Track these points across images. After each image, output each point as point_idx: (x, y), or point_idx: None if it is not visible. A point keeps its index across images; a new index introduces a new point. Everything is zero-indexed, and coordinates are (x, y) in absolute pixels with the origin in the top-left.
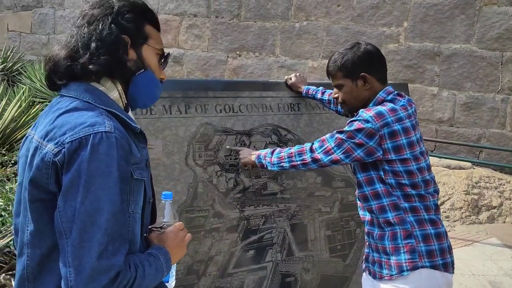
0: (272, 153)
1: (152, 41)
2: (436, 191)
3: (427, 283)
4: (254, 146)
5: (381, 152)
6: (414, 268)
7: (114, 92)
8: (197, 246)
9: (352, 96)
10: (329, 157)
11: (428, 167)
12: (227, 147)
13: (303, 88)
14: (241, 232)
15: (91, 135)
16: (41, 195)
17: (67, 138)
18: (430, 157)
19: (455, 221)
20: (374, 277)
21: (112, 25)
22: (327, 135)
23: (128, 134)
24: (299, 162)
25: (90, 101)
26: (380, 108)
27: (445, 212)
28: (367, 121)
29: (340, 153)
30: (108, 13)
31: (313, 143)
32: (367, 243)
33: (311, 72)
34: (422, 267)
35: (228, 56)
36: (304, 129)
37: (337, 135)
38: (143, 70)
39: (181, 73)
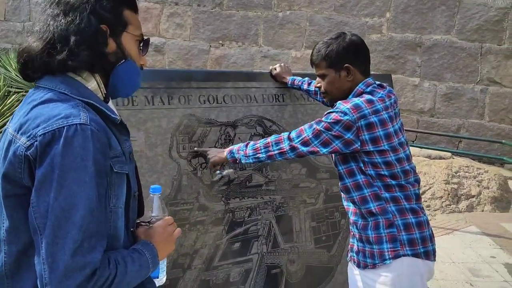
0: (246, 145)
1: (131, 28)
2: (417, 181)
3: (409, 270)
4: (239, 138)
5: (359, 144)
6: (396, 256)
7: (92, 82)
8: (182, 239)
9: (335, 86)
10: (307, 148)
11: (408, 158)
12: (195, 148)
13: (288, 79)
14: (226, 224)
15: (65, 127)
16: (15, 190)
17: (39, 130)
18: (411, 148)
19: (435, 210)
20: (359, 266)
21: (91, 15)
22: (306, 125)
23: (107, 126)
24: (276, 152)
25: (66, 92)
26: (357, 100)
27: (426, 201)
28: (344, 113)
29: (318, 144)
30: (85, 2)
31: (290, 133)
32: (351, 233)
33: (294, 62)
34: (404, 255)
35: (210, 46)
36: (289, 120)
37: (315, 125)
38: (124, 60)
39: (163, 63)
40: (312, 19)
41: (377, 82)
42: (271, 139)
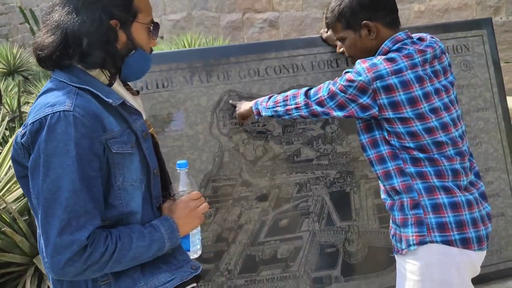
0: (269, 98)
1: (141, 16)
2: (459, 154)
3: (440, 260)
4: None
5: (377, 109)
6: (422, 242)
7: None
8: (225, 214)
9: (357, 48)
10: (322, 108)
11: (445, 126)
12: (230, 101)
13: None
14: (272, 200)
15: (49, 115)
16: (25, 172)
17: (30, 119)
18: None
19: None
20: (394, 250)
21: (102, 14)
22: (325, 83)
23: (107, 109)
24: (293, 106)
25: (64, 80)
26: (376, 59)
27: None
28: (359, 74)
29: (333, 106)
30: (97, 0)
31: (310, 88)
32: None
33: (417, 17)
34: (431, 242)
35: (323, 13)
36: None
37: (330, 86)
38: (134, 51)
39: (278, 36)
40: None
41: (417, 35)
42: (290, 92)
